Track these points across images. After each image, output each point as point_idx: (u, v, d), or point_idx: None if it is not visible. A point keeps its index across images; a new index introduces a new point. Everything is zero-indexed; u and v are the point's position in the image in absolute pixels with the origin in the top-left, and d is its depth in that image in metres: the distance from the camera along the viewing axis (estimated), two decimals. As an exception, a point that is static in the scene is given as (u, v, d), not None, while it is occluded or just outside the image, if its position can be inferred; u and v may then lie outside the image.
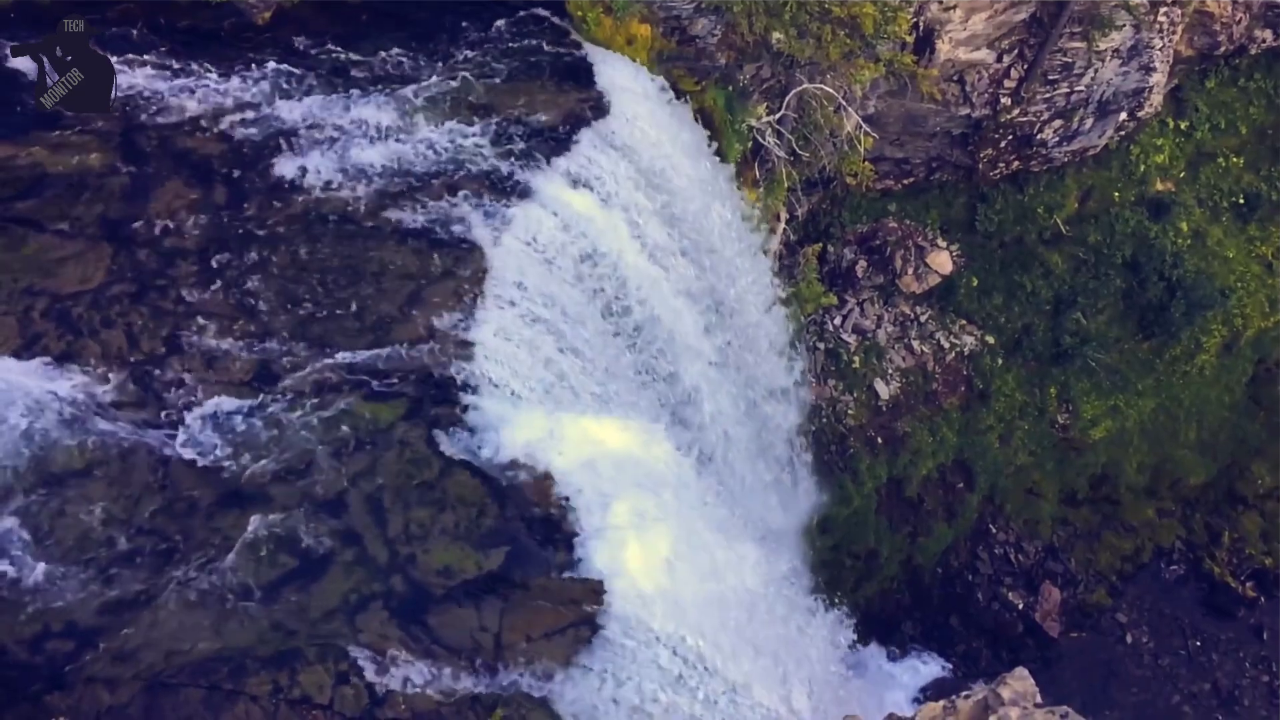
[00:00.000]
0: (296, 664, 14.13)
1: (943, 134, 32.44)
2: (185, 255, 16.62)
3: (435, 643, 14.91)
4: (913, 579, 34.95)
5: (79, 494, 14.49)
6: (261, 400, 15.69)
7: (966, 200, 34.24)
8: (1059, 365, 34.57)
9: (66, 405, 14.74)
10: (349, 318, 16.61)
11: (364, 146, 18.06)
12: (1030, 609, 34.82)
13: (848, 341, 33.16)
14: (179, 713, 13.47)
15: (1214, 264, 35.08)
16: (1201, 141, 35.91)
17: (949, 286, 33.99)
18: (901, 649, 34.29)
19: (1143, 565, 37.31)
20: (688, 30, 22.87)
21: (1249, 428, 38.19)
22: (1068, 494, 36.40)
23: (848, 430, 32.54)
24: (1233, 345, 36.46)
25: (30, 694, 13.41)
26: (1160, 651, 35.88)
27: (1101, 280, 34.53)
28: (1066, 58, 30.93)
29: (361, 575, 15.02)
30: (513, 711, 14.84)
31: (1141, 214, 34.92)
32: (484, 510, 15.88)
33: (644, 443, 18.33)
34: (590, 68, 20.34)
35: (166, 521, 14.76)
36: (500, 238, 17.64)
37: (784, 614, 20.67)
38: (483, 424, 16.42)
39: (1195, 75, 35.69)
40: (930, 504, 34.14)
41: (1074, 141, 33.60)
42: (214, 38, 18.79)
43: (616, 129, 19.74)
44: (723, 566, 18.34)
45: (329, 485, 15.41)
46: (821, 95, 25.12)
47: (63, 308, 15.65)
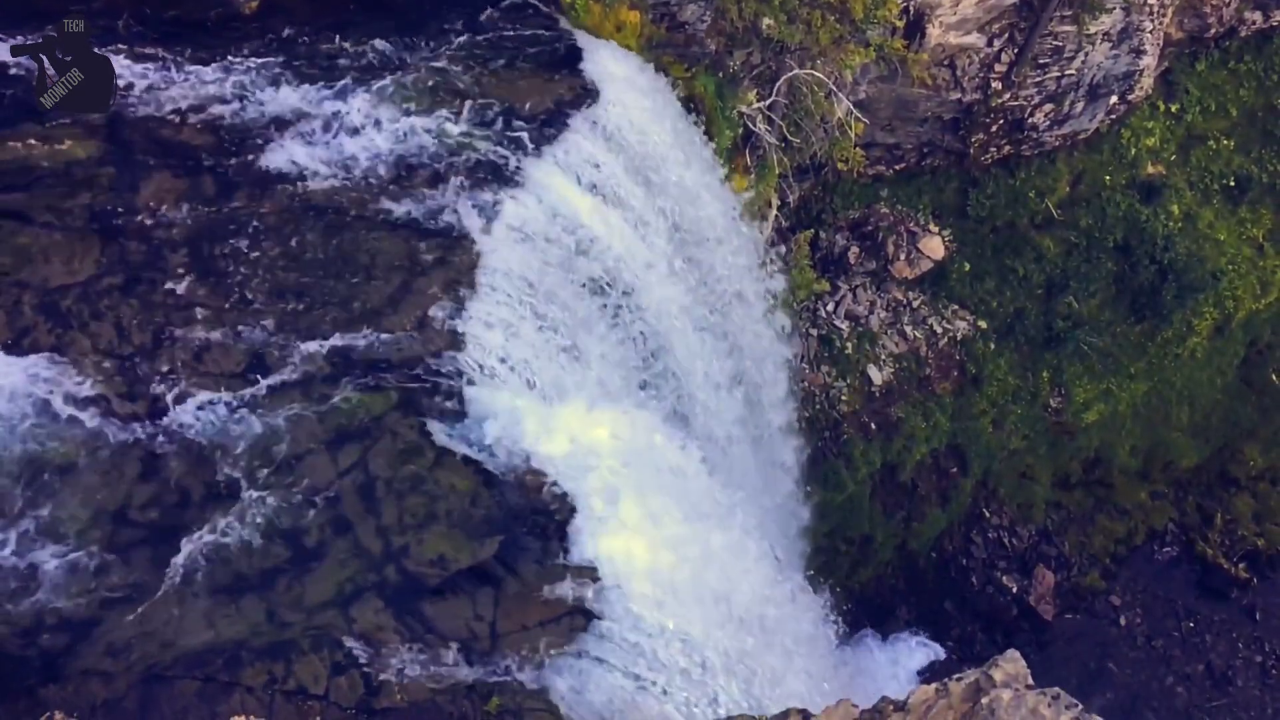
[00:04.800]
0: (291, 655, 14.12)
1: (934, 119, 32.43)
2: (174, 247, 16.54)
3: (430, 632, 14.92)
4: (907, 564, 35.05)
5: (70, 487, 14.46)
6: (252, 391, 15.65)
7: (958, 185, 34.23)
8: (1051, 349, 34.62)
9: (56, 398, 14.69)
10: (339, 308, 16.57)
11: (352, 136, 17.98)
12: (1024, 592, 34.94)
13: (840, 328, 33.18)
14: (174, 705, 13.45)
15: (1205, 247, 35.13)
16: (1192, 124, 35.92)
17: (941, 272, 34.01)
18: (896, 633, 34.40)
19: (1136, 548, 37.45)
20: (677, 16, 22.82)
21: (1241, 410, 38.30)
22: (1061, 478, 36.50)
23: (841, 416, 32.57)
24: (1224, 328, 36.53)
25: (24, 687, 13.39)
26: (1153, 633, 36.04)
27: (1093, 264, 34.56)
28: (1057, 41, 30.92)
29: (355, 566, 15.01)
30: (508, 700, 14.85)
31: (1133, 197, 34.94)
32: (477, 500, 15.87)
33: (638, 430, 18.31)
34: (579, 55, 20.27)
35: (158, 513, 14.74)
36: (490, 226, 17.59)
37: (779, 599, 20.71)
38: (475, 413, 16.40)
39: (1185, 58, 35.68)
40: (924, 489, 34.21)
41: (1065, 125, 33.61)
42: (201, 27, 18.68)
43: (606, 116, 19.69)
44: (718, 553, 18.36)
45: (321, 476, 15.39)
46: (812, 81, 25.07)
47: (51, 300, 15.58)
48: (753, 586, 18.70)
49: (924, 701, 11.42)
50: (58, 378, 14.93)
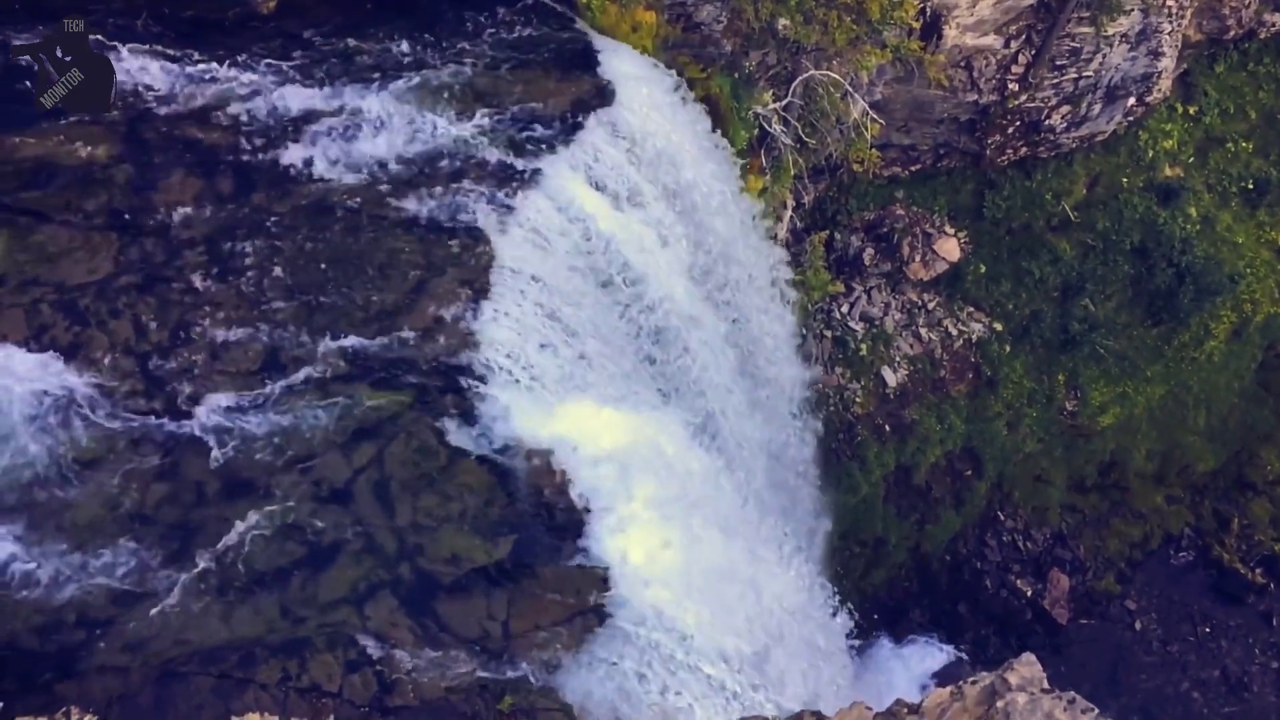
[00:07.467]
0: (306, 652, 14.18)
1: (950, 120, 32.33)
2: (192, 245, 16.61)
3: (444, 631, 14.95)
4: (921, 566, 34.96)
5: (88, 484, 14.53)
6: (269, 390, 15.70)
7: (974, 187, 34.13)
8: (1067, 352, 34.49)
9: (74, 396, 14.77)
10: (356, 307, 16.61)
11: (369, 136, 18.02)
12: (1039, 596, 34.81)
13: (855, 329, 33.12)
14: (189, 701, 13.51)
15: (1223, 250, 34.94)
16: (1210, 127, 35.74)
17: (956, 273, 33.91)
18: (910, 636, 34.32)
19: (1151, 552, 37.28)
20: (693, 17, 22.80)
21: (1258, 414, 38.08)
22: (1076, 481, 36.36)
23: (855, 418, 32.51)
24: (1242, 331, 36.34)
25: (41, 683, 13.47)
26: (1169, 638, 35.87)
27: (1110, 266, 34.41)
28: (1074, 43, 30.79)
29: (370, 564, 15.06)
30: (521, 699, 14.87)
31: (1150, 200, 34.78)
32: (492, 499, 15.90)
33: (653, 431, 18.31)
34: (595, 55, 20.27)
35: (175, 511, 14.80)
36: (506, 226, 17.61)
37: (793, 601, 20.68)
38: (490, 413, 16.42)
39: (1204, 60, 35.51)
40: (938, 491, 34.12)
41: (1082, 127, 33.47)
42: (219, 27, 18.74)
43: (622, 116, 19.68)
44: (732, 553, 18.35)
45: (336, 474, 15.44)
46: (828, 82, 25.03)
47: (70, 298, 15.66)
48: (767, 588, 18.68)
49: (938, 704, 11.39)
50: (75, 375, 15.01)
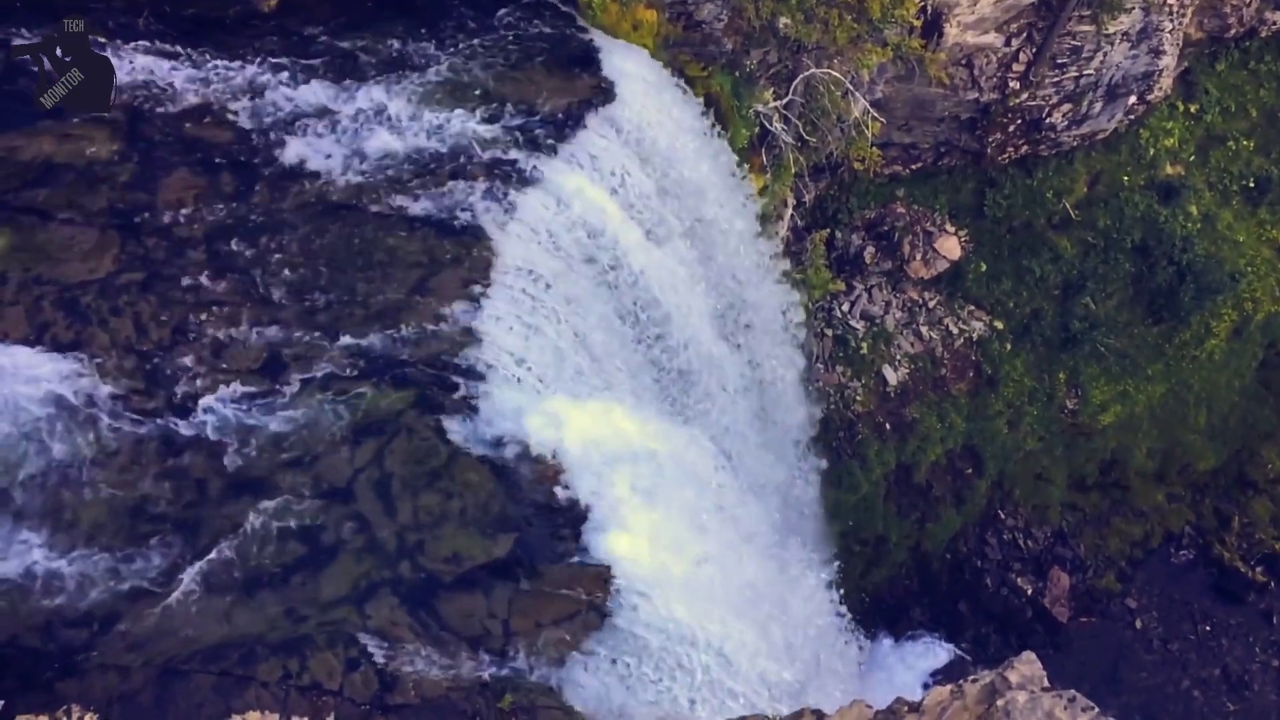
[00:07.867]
0: (306, 650, 14.18)
1: (951, 119, 32.32)
2: (193, 243, 16.63)
3: (444, 629, 14.96)
4: (921, 565, 34.97)
5: (89, 482, 14.54)
6: (270, 388, 15.72)
7: (975, 185, 34.11)
8: (1068, 350, 34.48)
9: (76, 394, 14.78)
10: (357, 305, 16.62)
11: (370, 134, 18.04)
12: (1039, 594, 34.81)
13: (855, 328, 33.11)
14: (190, 699, 13.53)
15: (1224, 248, 34.92)
16: (1211, 125, 35.72)
17: (957, 272, 33.90)
18: (910, 634, 34.33)
19: (1152, 550, 37.27)
20: (694, 15, 22.79)
21: (1259, 412, 38.07)
22: (1077, 479, 36.35)
23: (856, 416, 32.51)
24: (1243, 329, 36.32)
25: (43, 681, 13.48)
26: (1169, 636, 35.87)
27: (1110, 265, 34.40)
28: (1075, 41, 30.77)
29: (370, 562, 15.07)
30: (522, 697, 14.88)
31: (1151, 198, 34.76)
32: (492, 497, 15.90)
33: (654, 429, 18.33)
34: (596, 53, 20.28)
35: (176, 509, 14.82)
36: (507, 224, 17.62)
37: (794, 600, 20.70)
38: (491, 411, 16.43)
39: (1205, 58, 35.47)
40: (939, 490, 34.12)
41: (1083, 125, 33.45)
42: (220, 25, 18.77)
43: (622, 115, 19.69)
44: (733, 551, 18.36)
45: (337, 472, 15.45)
46: (829, 80, 25.02)
47: (71, 297, 15.67)
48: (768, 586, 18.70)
49: (939, 703, 11.40)
50: (76, 374, 15.02)
